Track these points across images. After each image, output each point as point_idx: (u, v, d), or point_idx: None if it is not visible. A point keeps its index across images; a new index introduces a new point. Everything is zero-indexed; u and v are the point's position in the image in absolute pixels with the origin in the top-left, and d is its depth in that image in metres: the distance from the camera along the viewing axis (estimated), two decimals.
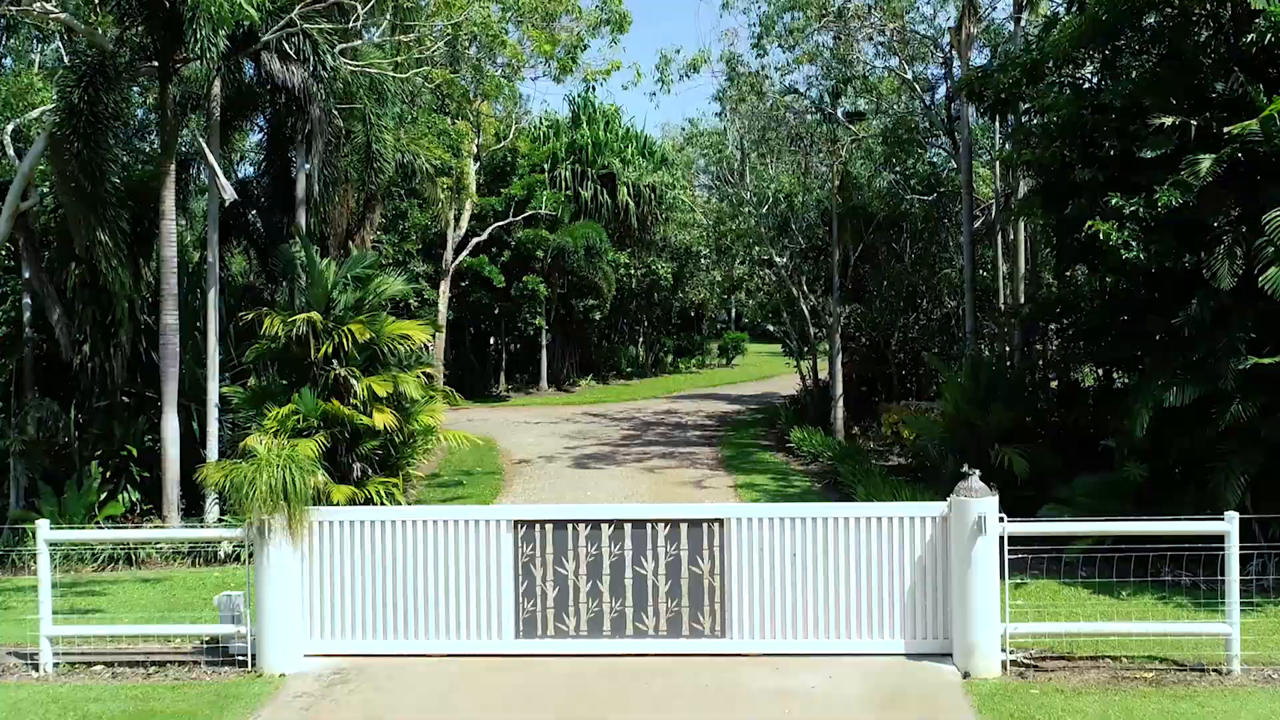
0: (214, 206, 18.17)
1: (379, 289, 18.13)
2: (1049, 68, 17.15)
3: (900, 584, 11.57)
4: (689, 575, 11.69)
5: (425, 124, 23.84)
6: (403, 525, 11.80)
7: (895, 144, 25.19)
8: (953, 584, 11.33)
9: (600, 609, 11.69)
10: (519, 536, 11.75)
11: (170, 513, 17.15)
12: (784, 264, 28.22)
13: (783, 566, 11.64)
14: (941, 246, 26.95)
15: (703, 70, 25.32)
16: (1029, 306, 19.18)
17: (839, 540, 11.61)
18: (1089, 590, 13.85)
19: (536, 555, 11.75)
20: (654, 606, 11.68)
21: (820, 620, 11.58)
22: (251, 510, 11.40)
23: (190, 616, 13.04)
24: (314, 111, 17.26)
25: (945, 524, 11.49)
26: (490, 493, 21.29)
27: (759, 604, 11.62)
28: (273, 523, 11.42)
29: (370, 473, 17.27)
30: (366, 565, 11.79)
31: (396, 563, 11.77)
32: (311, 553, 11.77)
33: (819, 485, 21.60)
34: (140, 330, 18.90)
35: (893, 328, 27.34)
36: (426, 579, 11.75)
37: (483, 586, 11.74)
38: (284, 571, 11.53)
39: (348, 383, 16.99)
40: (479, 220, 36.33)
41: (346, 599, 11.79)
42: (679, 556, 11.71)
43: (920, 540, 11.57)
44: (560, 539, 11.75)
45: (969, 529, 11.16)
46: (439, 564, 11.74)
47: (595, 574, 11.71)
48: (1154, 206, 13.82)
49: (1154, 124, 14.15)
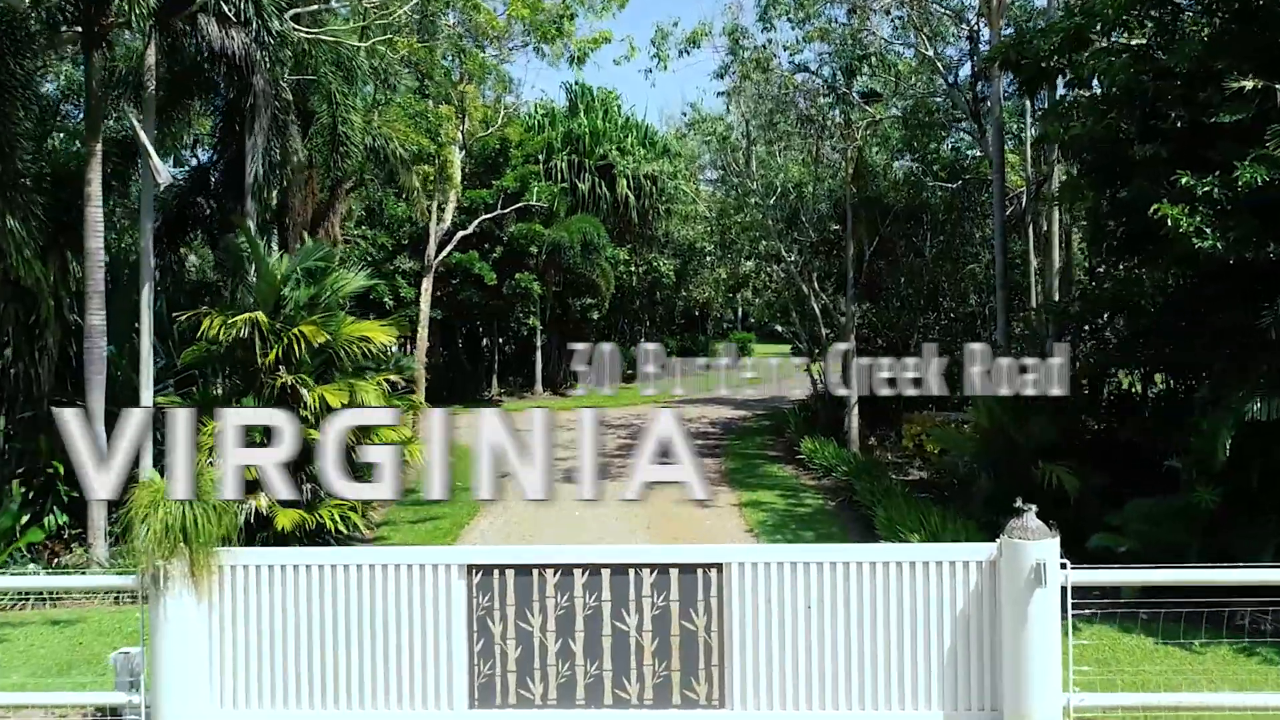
0: (148, 191, 16.09)
1: (336, 284, 16.08)
2: (1095, 32, 14.99)
3: (939, 643, 9.42)
4: (681, 632, 9.54)
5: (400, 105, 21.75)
6: (332, 570, 9.67)
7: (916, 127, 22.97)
8: (1003, 643, 9.19)
9: (572, 673, 9.54)
10: (474, 584, 9.63)
11: (96, 540, 15.11)
12: (793, 259, 26.07)
13: (795, 621, 9.48)
14: (965, 239, 24.70)
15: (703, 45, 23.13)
16: (1078, 304, 17.01)
17: (864, 589, 9.46)
18: (1154, 639, 11.77)
19: (495, 607, 9.61)
20: (638, 670, 9.52)
21: (841, 687, 9.41)
22: (143, 554, 9.32)
23: (91, 675, 10.98)
24: (257, 82, 15.18)
25: (994, 569, 9.35)
26: (468, 513, 19.21)
27: (766, 667, 9.46)
28: (170, 569, 9.34)
29: (322, 495, 15.15)
30: (289, 618, 9.67)
31: (325, 615, 9.64)
32: (221, 603, 9.65)
33: (832, 503, 19.48)
34: (70, 332, 16.85)
35: (912, 328, 25.08)
36: (362, 635, 9.63)
37: (429, 645, 9.61)
38: (185, 627, 9.43)
39: (297, 392, 14.91)
40: (469, 214, 34.21)
41: (264, 660, 9.66)
42: (668, 609, 9.56)
43: (963, 590, 9.43)
44: (524, 587, 9.61)
45: (1024, 577, 9.04)
46: (377, 617, 9.62)
47: (566, 630, 9.56)
48: (1233, 186, 11.67)
49: (1231, 88, 11.99)
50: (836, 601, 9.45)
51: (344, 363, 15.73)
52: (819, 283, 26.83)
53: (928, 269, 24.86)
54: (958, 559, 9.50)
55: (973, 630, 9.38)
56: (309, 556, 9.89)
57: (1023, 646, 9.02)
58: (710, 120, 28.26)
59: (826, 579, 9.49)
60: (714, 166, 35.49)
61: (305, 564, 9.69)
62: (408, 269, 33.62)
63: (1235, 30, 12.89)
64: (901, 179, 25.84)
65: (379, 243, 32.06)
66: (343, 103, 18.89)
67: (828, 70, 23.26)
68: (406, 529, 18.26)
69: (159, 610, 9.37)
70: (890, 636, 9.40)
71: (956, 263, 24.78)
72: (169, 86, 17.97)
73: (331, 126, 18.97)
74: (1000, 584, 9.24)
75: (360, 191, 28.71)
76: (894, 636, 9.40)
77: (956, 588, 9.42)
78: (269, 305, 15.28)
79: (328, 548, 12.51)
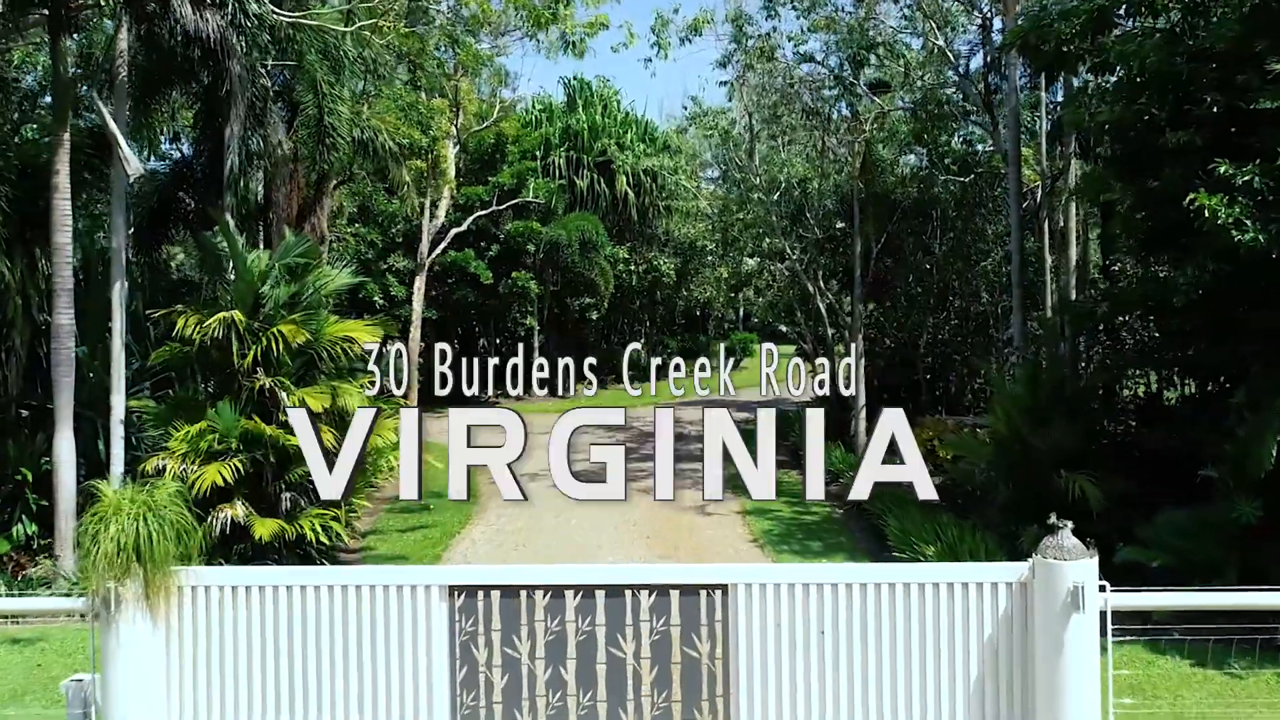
0: (120, 182, 15.25)
1: (318, 282, 15.25)
2: (1120, 14, 14.18)
3: (964, 672, 8.58)
4: (683, 659, 8.70)
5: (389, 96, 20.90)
6: (301, 592, 8.82)
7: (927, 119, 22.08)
8: (1035, 674, 8.36)
9: (564, 704, 8.68)
10: (456, 607, 8.78)
11: (64, 552, 14.27)
12: (797, 257, 25.22)
13: (807, 648, 8.63)
14: (977, 235, 23.78)
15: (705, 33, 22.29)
16: (1105, 303, 16.15)
17: (882, 613, 8.62)
18: (1190, 661, 10.98)
19: (479, 631, 8.76)
20: (635, 701, 8.67)
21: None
22: (94, 575, 8.49)
23: (46, 702, 10.17)
24: (233, 67, 14.35)
25: (1025, 592, 8.52)
26: (459, 521, 18.38)
27: (775, 698, 8.61)
28: (123, 591, 8.51)
29: (303, 504, 14.34)
30: (254, 645, 8.82)
31: (294, 641, 8.79)
32: (181, 628, 8.80)
33: (840, 511, 18.66)
34: (40, 332, 16.03)
35: (920, 328, 24.15)
36: (334, 663, 8.78)
37: (408, 673, 8.76)
38: (140, 654, 8.58)
39: (275, 395, 14.09)
40: (464, 211, 33.34)
41: (227, 690, 8.81)
42: (669, 634, 8.72)
43: (991, 614, 8.59)
44: (510, 610, 8.77)
45: (1060, 602, 8.21)
46: (350, 643, 8.77)
47: (557, 657, 8.72)
48: (1275, 175, 10.85)
49: (1273, 70, 11.17)
50: (852, 626, 8.61)
51: (326, 364, 14.90)
52: (824, 281, 25.99)
53: (937, 267, 23.94)
54: (985, 580, 8.65)
55: (1001, 659, 8.55)
56: (276, 577, 9.04)
57: (1057, 677, 8.18)
58: (712, 114, 27.37)
59: (841, 601, 8.65)
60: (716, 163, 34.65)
61: (272, 585, 8.84)
62: (401, 268, 32.74)
63: (1275, 8, 12.04)
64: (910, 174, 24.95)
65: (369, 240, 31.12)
66: (329, 93, 18.05)
67: (834, 60, 22.41)
68: (395, 538, 17.43)
69: (111, 636, 8.54)
70: (911, 665, 8.57)
71: (968, 260, 23.88)
72: (146, 75, 17.15)
73: (318, 118, 18.12)
74: (1033, 608, 8.40)
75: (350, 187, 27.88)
76: (915, 665, 8.56)
77: (984, 612, 8.58)
78: (247, 304, 14.46)
79: (297, 567, 11.65)
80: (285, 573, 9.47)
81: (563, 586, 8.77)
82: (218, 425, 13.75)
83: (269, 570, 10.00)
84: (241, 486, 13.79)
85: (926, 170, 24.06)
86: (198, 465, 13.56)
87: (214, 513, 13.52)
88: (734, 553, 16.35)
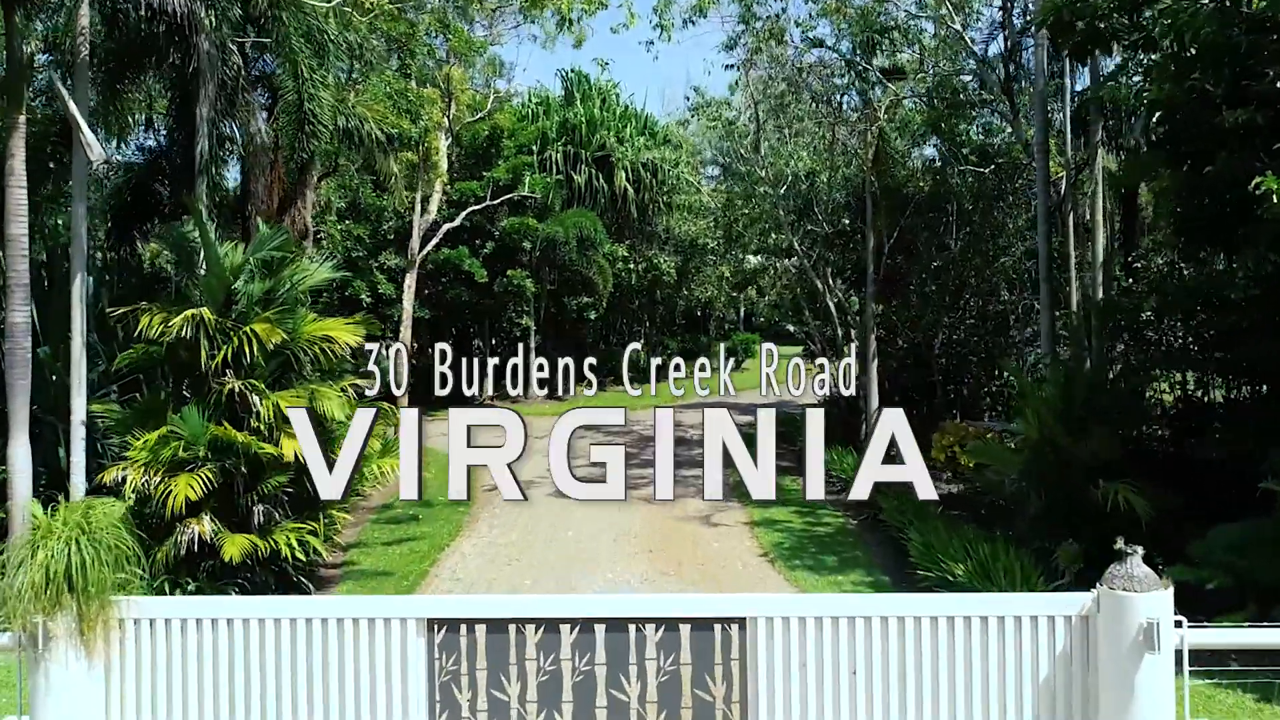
0: (80, 169, 14.16)
1: (295, 277, 14.13)
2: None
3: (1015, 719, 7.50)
4: (694, 703, 7.61)
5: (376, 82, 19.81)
6: (259, 626, 7.72)
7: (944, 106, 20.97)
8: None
9: None
10: (436, 642, 7.70)
11: None
12: (805, 253, 24.10)
13: (836, 690, 7.57)
14: (996, 230, 22.64)
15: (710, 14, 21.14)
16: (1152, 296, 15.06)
17: (923, 651, 7.54)
18: (1255, 697, 9.91)
19: (462, 671, 7.68)
20: None
21: None
22: (18, 609, 7.40)
23: None
24: (202, 44, 13.27)
25: (1086, 627, 7.44)
26: (449, 533, 17.26)
27: None
28: (53, 626, 7.43)
29: (277, 517, 13.23)
30: (205, 686, 7.72)
31: (250, 682, 7.70)
32: (122, 667, 7.72)
33: (854, 522, 17.56)
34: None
35: (936, 327, 23.00)
36: (296, 707, 7.69)
37: (380, 717, 7.69)
38: (74, 696, 7.51)
39: (246, 399, 12.99)
40: (458, 207, 32.22)
41: None
42: (678, 673, 7.64)
43: (1047, 652, 7.50)
44: (498, 646, 7.68)
45: (1129, 639, 7.14)
46: (315, 684, 7.69)
47: (551, 700, 7.64)
48: None
49: None
50: (889, 666, 7.53)
51: (304, 365, 13.81)
52: (833, 279, 24.87)
53: (954, 263, 22.80)
54: (1040, 613, 7.56)
55: (1060, 704, 7.45)
56: (229, 608, 7.92)
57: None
58: (716, 104, 26.25)
59: (876, 637, 7.57)
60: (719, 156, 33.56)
61: (225, 617, 7.73)
62: (392, 265, 31.61)
63: None
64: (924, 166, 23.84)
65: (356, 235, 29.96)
66: (310, 77, 16.93)
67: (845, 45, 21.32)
68: (379, 551, 16.32)
69: (39, 676, 7.47)
70: (956, 712, 7.50)
71: (987, 256, 22.74)
72: (115, 57, 16.09)
73: (298, 103, 17.01)
74: (1096, 646, 7.34)
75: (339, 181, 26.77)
76: (960, 712, 7.50)
77: (1039, 650, 7.50)
78: (217, 300, 13.36)
79: (253, 598, 10.47)
80: (239, 604, 8.36)
81: (557, 620, 7.69)
82: (183, 432, 12.64)
83: (221, 601, 8.87)
84: (210, 499, 12.69)
85: (944, 159, 22.93)
86: (160, 476, 12.46)
87: (179, 528, 12.44)
88: (742, 567, 15.25)
